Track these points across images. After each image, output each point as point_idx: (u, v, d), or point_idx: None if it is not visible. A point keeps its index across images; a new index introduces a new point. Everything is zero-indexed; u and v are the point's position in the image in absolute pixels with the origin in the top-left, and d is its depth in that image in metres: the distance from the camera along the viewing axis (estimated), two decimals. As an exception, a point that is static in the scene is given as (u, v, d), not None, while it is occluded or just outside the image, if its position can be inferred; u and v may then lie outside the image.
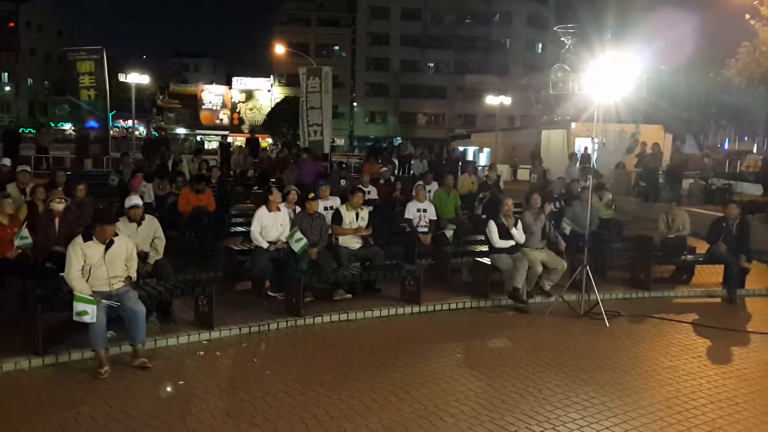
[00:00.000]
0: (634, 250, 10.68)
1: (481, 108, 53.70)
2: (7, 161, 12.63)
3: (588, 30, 10.05)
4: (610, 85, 7.98)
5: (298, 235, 8.42)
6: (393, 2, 64.68)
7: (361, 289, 8.93)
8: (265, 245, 8.53)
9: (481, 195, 13.45)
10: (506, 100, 42.60)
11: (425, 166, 21.11)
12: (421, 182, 12.00)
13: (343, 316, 7.99)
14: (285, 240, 8.54)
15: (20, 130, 24.39)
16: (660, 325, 8.25)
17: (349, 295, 8.60)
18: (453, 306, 8.68)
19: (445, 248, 10.16)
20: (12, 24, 63.51)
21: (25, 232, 7.78)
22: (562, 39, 8.51)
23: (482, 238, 10.33)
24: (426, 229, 10.30)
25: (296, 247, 8.37)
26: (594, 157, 11.80)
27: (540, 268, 8.91)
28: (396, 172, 23.00)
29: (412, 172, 23.06)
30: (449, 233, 10.51)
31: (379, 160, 20.29)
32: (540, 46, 65.77)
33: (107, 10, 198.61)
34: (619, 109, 8.80)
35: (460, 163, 23.87)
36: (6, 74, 64.19)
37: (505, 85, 53.57)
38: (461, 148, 36.70)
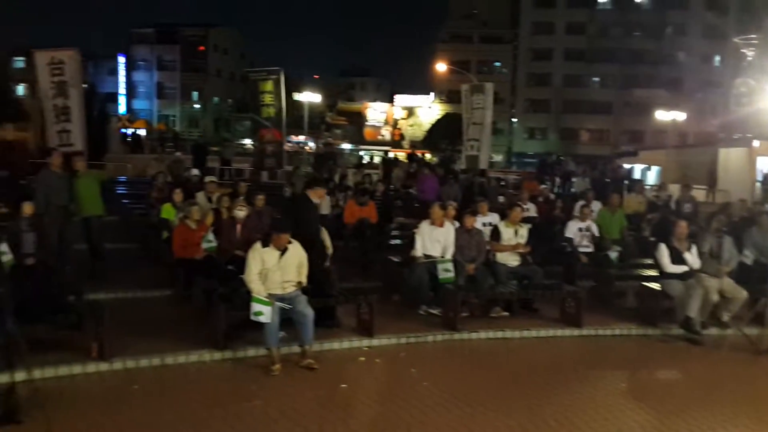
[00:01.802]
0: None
1: (650, 124, 50.75)
2: (196, 172, 13.97)
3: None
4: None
5: (448, 266, 8.45)
6: (557, 17, 63.19)
7: (518, 308, 8.82)
8: (418, 255, 8.68)
9: (649, 216, 12.73)
10: (679, 116, 39.90)
11: (587, 184, 20.34)
12: (583, 201, 11.62)
13: (500, 334, 7.93)
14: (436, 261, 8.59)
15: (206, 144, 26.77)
16: None
17: (506, 313, 8.52)
18: (617, 332, 8.29)
19: (608, 270, 9.73)
20: (202, 48, 70.31)
21: (210, 236, 8.61)
22: (742, 51, 7.87)
23: (650, 261, 9.77)
24: (588, 249, 9.94)
25: (442, 275, 8.42)
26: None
27: (716, 297, 8.24)
28: (555, 189, 22.38)
29: (572, 189, 22.31)
30: (613, 255, 10.05)
31: (547, 177, 19.74)
32: (717, 59, 60.86)
33: (283, 33, 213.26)
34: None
35: (625, 182, 22.72)
36: (196, 93, 71.09)
37: (676, 100, 50.19)
38: (627, 166, 34.86)
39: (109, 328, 6.28)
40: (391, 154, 40.62)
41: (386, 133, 67.87)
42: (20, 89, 54.22)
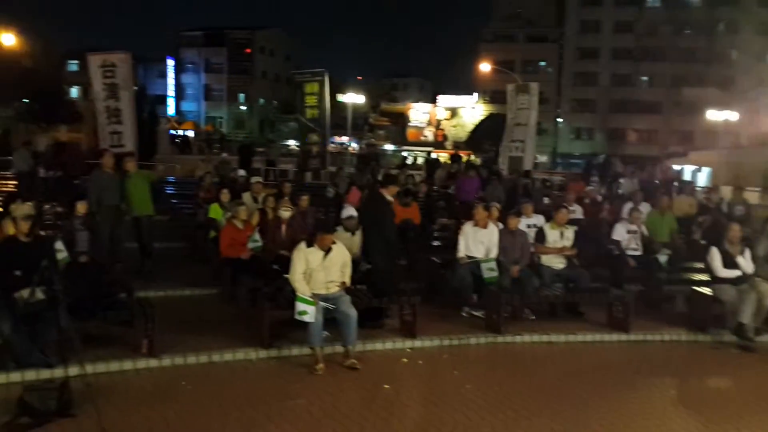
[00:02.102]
0: None
1: (701, 124, 49.33)
2: (242, 173, 14.21)
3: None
4: None
5: (493, 265, 8.39)
6: (604, 15, 62.03)
7: (563, 312, 8.69)
8: (461, 256, 8.64)
9: (700, 218, 12.38)
10: (731, 116, 38.71)
11: (635, 185, 19.90)
12: (630, 203, 11.37)
13: (545, 338, 7.83)
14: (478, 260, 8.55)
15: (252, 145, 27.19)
16: None
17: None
18: (666, 337, 8.09)
19: (657, 274, 9.50)
20: (248, 50, 71.38)
21: (256, 235, 8.74)
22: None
23: (701, 265, 9.50)
24: (636, 252, 9.73)
25: (486, 275, 8.36)
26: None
27: (770, 303, 7.98)
28: (602, 190, 21.94)
29: (620, 191, 21.85)
30: (663, 258, 9.80)
31: (594, 177, 19.34)
32: (773, 56, 58.80)
33: (327, 35, 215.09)
34: None
35: (675, 183, 22.15)
36: (242, 95, 72.22)
37: (728, 99, 48.67)
38: (677, 167, 34.00)
39: (158, 325, 6.43)
40: (433, 155, 40.60)
41: (429, 134, 67.72)
42: (74, 92, 56.00)
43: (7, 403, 5.12)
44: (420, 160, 39.88)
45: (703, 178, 35.50)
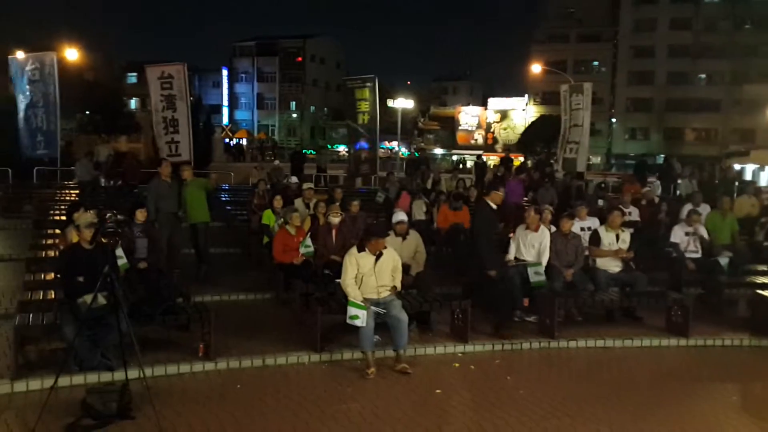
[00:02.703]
0: None
1: (763, 121, 47.40)
2: (294, 179, 14.40)
3: None
4: None
5: (539, 269, 8.26)
6: (660, 12, 60.39)
7: (619, 316, 8.50)
8: (510, 258, 8.54)
9: (763, 219, 11.92)
10: (797, 112, 37.08)
11: (694, 186, 19.30)
12: (689, 204, 11.04)
13: (600, 343, 7.67)
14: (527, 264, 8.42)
15: (303, 152, 27.55)
16: None
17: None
18: (728, 342, 7.83)
19: (718, 277, 9.19)
20: (300, 58, 72.47)
21: (308, 241, 8.84)
22: None
23: (765, 268, 9.17)
24: (695, 255, 9.44)
25: (533, 278, 8.23)
26: None
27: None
28: (659, 192, 21.36)
29: (678, 192, 21.23)
30: (724, 261, 9.48)
31: (651, 178, 18.80)
32: (842, 49, 56.12)
33: (377, 40, 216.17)
34: None
35: (736, 183, 21.36)
36: (294, 103, 73.31)
37: (793, 95, 46.66)
38: (737, 166, 32.79)
39: (214, 329, 6.57)
40: (483, 158, 40.28)
41: (479, 137, 67.28)
42: (133, 103, 57.89)
43: (70, 405, 5.32)
44: (469, 164, 39.67)
45: (766, 178, 34.15)
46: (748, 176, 33.49)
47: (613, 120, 63.88)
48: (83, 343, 5.89)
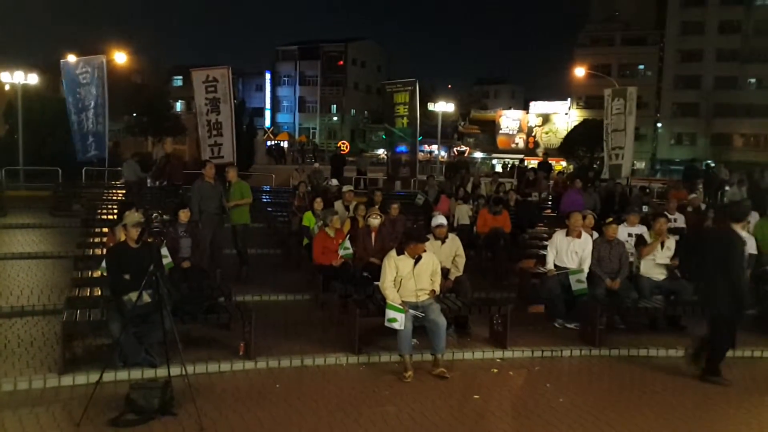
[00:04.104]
0: None
1: (816, 127, 45.86)
2: (334, 182, 14.50)
3: None
4: None
5: (581, 277, 8.14)
6: (708, 15, 58.93)
7: (664, 325, 8.31)
8: (549, 267, 8.44)
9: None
10: None
11: (743, 194, 18.75)
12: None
13: (643, 352, 7.51)
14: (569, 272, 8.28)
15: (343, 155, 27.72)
16: None
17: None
18: (777, 354, 7.57)
19: (766, 287, 8.90)
20: (341, 62, 73.00)
21: (347, 243, 8.88)
22: None
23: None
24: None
25: (575, 287, 8.12)
26: None
27: None
28: (706, 198, 20.84)
29: (725, 199, 20.67)
30: (773, 271, 9.19)
31: (700, 186, 18.25)
32: None
33: (418, 44, 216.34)
34: None
35: (787, 191, 20.62)
36: (335, 106, 73.86)
37: None
38: (789, 174, 31.68)
39: (254, 329, 6.65)
40: (525, 163, 39.85)
41: (520, 141, 66.65)
42: (179, 105, 59.08)
43: (114, 400, 5.44)
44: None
45: (820, 185, 32.91)
46: (800, 184, 32.35)
47: (659, 125, 62.56)
48: (128, 340, 6.03)
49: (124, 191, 16.80)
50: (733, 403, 6.18)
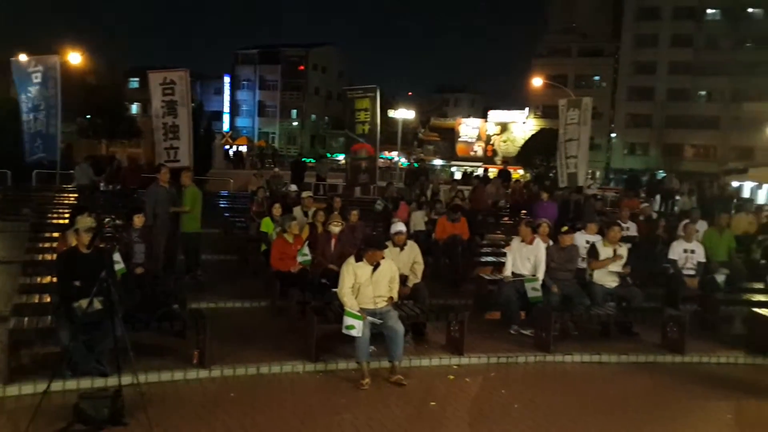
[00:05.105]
0: None
1: (762, 139, 47.58)
2: (293, 187, 14.39)
3: None
4: None
5: (536, 285, 8.28)
6: (662, 29, 60.73)
7: (615, 331, 8.49)
8: (507, 274, 8.55)
9: (760, 237, 11.95)
10: (795, 131, 37.21)
11: (693, 203, 19.36)
12: (687, 220, 11.06)
13: (595, 358, 7.66)
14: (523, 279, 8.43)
15: (303, 160, 27.53)
16: None
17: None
18: (723, 360, 7.83)
19: (715, 294, 9.20)
20: (302, 67, 72.66)
21: (306, 249, 8.83)
22: None
23: (761, 285, 9.18)
24: (693, 272, 9.45)
25: (530, 294, 8.25)
26: None
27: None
28: (658, 208, 21.44)
29: (676, 208, 21.30)
30: (721, 278, 9.50)
31: (642, 194, 18.84)
32: (842, 69, 56.45)
33: (380, 51, 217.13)
34: None
35: (734, 201, 21.42)
36: (295, 111, 73.47)
37: (791, 114, 46.85)
38: (736, 184, 32.91)
39: (209, 337, 6.54)
40: (480, 171, 40.31)
41: (479, 149, 67.42)
42: (134, 108, 57.94)
43: (62, 410, 5.29)
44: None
45: (763, 195, 34.25)
46: (746, 194, 33.61)
47: (613, 135, 64.07)
48: (78, 348, 5.87)
49: (76, 195, 16.39)
50: (683, 407, 6.34)
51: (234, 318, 8.40)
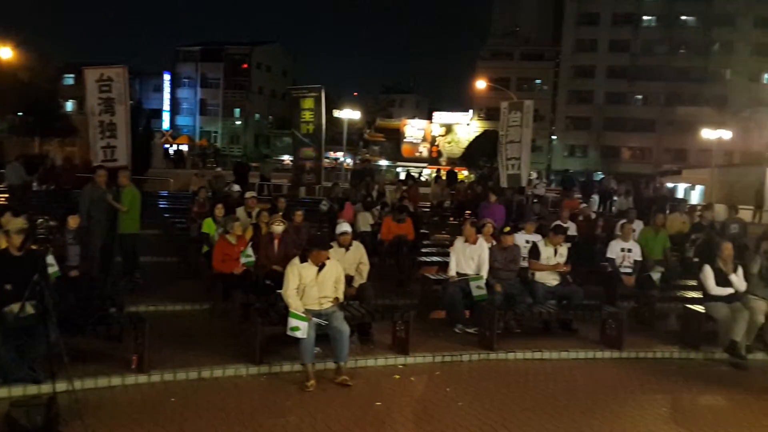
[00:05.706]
0: None
1: (695, 142, 49.66)
2: (236, 187, 14.17)
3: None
4: None
5: (481, 283, 8.39)
6: (600, 34, 62.68)
7: (556, 328, 8.68)
8: (452, 274, 8.64)
9: (693, 236, 12.42)
10: (725, 134, 38.92)
11: (630, 203, 19.99)
12: (624, 220, 11.41)
13: (537, 354, 7.81)
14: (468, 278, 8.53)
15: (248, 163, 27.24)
16: None
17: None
18: (659, 355, 8.08)
19: (650, 292, 9.51)
20: (245, 65, 71.65)
21: (249, 250, 8.70)
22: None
23: (694, 283, 9.53)
24: (630, 270, 9.74)
25: (475, 292, 8.36)
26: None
27: (762, 319, 8.00)
28: (597, 208, 22.06)
29: (614, 208, 21.96)
30: (656, 276, 9.82)
31: (578, 195, 19.40)
32: (766, 77, 59.48)
33: (325, 51, 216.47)
34: None
35: (669, 201, 22.20)
36: (238, 110, 72.39)
37: (722, 118, 49.06)
38: (670, 185, 34.18)
39: (148, 341, 6.36)
40: (426, 171, 40.68)
41: (424, 150, 67.95)
42: (69, 105, 55.98)
43: (-7, 419, 5.06)
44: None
45: (696, 196, 35.70)
46: (680, 194, 34.93)
47: (554, 137, 65.66)
48: (9, 354, 5.63)
49: (6, 195, 15.72)
50: (620, 401, 6.53)
51: (174, 321, 8.20)
